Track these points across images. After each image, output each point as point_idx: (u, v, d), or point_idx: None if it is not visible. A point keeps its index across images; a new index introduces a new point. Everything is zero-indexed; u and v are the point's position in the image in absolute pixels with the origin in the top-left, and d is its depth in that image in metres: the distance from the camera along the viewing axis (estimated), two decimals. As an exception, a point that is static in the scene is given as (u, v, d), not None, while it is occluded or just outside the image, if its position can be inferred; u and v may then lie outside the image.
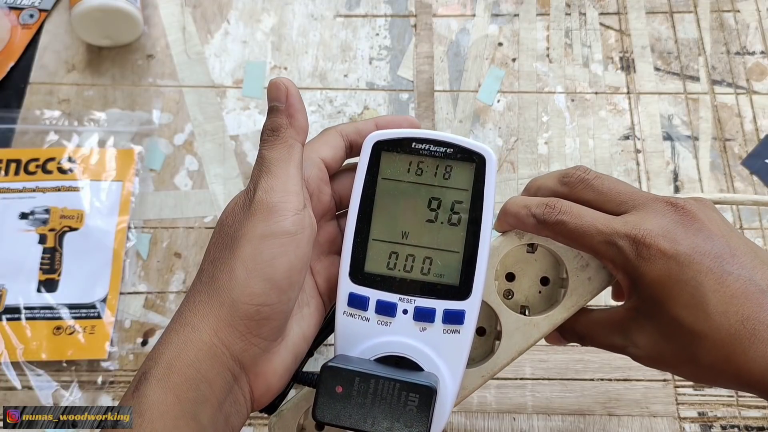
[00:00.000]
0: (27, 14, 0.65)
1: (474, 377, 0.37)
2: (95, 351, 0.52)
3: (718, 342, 0.30)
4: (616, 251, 0.33)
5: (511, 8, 0.66)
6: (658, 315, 0.32)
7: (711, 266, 0.31)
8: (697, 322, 0.31)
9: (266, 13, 0.66)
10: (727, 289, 0.31)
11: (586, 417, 0.49)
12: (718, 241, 0.32)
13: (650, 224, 0.32)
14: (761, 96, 0.61)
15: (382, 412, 0.31)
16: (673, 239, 0.32)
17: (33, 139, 0.59)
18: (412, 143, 0.35)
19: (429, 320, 0.34)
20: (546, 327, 0.37)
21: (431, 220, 0.35)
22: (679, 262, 0.31)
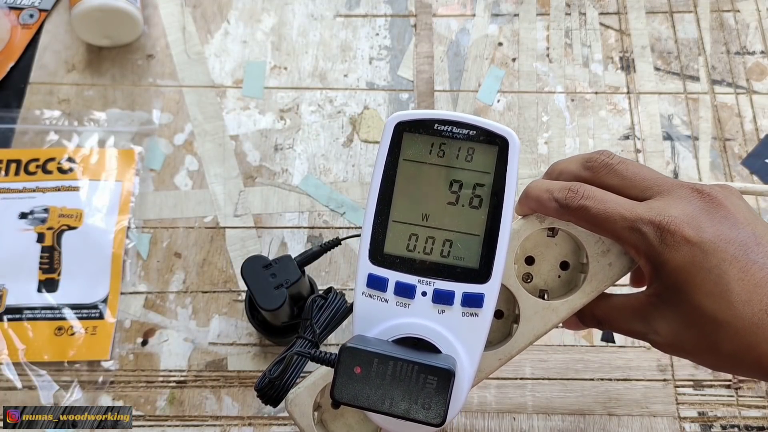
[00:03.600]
0: (27, 14, 0.65)
1: (491, 360, 0.36)
2: (97, 351, 0.52)
3: (740, 330, 0.30)
4: (640, 237, 0.32)
5: (511, 8, 0.66)
6: (680, 302, 0.32)
7: (736, 254, 0.31)
8: (719, 310, 0.31)
9: (266, 13, 0.66)
10: (751, 277, 0.30)
11: (586, 417, 0.49)
12: (744, 229, 0.32)
13: (675, 211, 0.32)
14: (761, 96, 0.61)
15: (400, 393, 0.30)
16: (698, 226, 0.31)
17: (33, 139, 0.59)
18: (435, 125, 0.34)
19: (448, 303, 0.33)
20: (565, 311, 0.36)
21: (452, 203, 0.34)
22: (703, 250, 0.31)
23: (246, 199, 0.57)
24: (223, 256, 0.55)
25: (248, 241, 0.56)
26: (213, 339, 0.53)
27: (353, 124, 0.61)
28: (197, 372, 0.52)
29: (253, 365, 0.52)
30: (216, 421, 0.50)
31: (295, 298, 0.47)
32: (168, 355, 0.52)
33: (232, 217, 0.57)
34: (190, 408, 0.50)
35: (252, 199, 0.57)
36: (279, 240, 0.56)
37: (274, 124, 0.61)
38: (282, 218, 0.57)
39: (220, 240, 0.56)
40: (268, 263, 0.45)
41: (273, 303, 0.44)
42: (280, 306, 0.44)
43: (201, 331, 0.53)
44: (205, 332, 0.53)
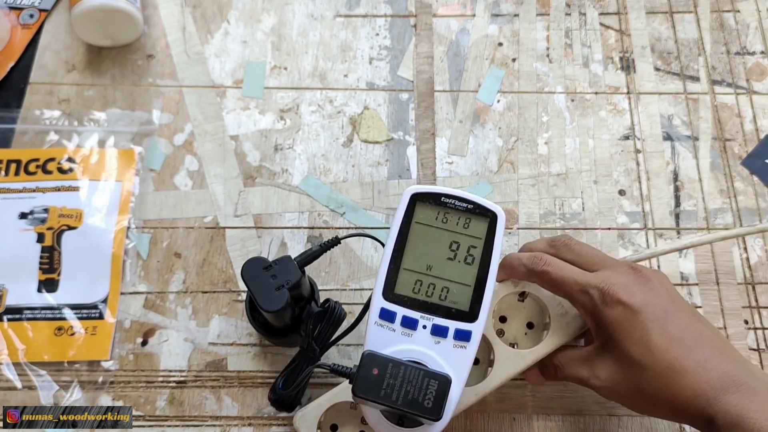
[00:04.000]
0: (27, 14, 0.65)
1: (469, 395, 0.45)
2: (97, 352, 0.52)
3: (658, 373, 0.38)
4: (588, 298, 0.41)
5: (511, 8, 0.66)
6: (615, 350, 0.40)
7: (657, 315, 0.40)
8: (643, 355, 0.39)
9: (266, 13, 0.66)
10: (668, 333, 0.39)
11: (586, 417, 0.49)
12: (665, 299, 0.41)
13: (615, 280, 0.41)
14: (761, 96, 0.61)
15: (407, 392, 0.38)
16: (630, 293, 0.40)
17: (33, 139, 0.59)
18: (441, 197, 0.43)
19: (443, 335, 0.41)
20: (531, 358, 0.45)
21: (451, 258, 0.43)
22: (633, 310, 0.40)
23: (246, 199, 0.57)
24: (223, 256, 0.55)
25: (248, 241, 0.56)
26: (213, 339, 0.53)
27: (353, 124, 0.61)
28: (197, 372, 0.52)
29: (253, 365, 0.52)
30: (216, 421, 0.50)
31: (296, 298, 0.47)
32: (168, 355, 0.52)
33: (232, 217, 0.57)
34: (189, 408, 0.50)
35: (252, 199, 0.57)
36: (279, 240, 0.56)
37: (274, 124, 0.61)
38: (282, 218, 0.57)
39: (220, 240, 0.56)
40: (268, 264, 0.45)
41: (275, 304, 0.44)
42: (282, 307, 0.44)
43: (201, 331, 0.53)
44: (205, 332, 0.53)
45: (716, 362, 0.38)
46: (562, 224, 0.56)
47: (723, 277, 0.54)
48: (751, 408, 0.36)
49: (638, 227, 0.56)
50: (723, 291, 0.54)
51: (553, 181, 0.58)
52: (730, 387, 0.37)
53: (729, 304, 0.53)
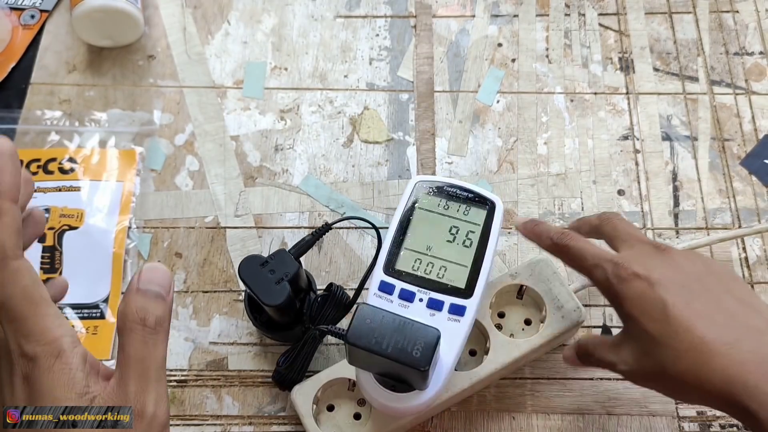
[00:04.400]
0: (28, 15, 0.65)
1: (464, 379, 0.46)
2: (98, 351, 0.52)
3: (682, 354, 0.34)
4: (602, 272, 0.39)
5: (510, 9, 0.66)
6: (636, 331, 0.37)
7: (679, 291, 0.36)
8: (664, 335, 0.35)
9: (266, 14, 0.66)
10: (692, 311, 0.35)
11: (585, 416, 0.50)
12: (689, 276, 0.37)
13: (631, 255, 0.39)
14: (760, 96, 0.62)
15: (397, 342, 0.38)
16: (647, 267, 0.38)
17: (34, 139, 0.59)
18: (444, 186, 0.46)
19: (438, 309, 0.42)
20: (526, 348, 0.47)
21: (450, 241, 0.44)
22: (651, 283, 0.37)
23: (246, 200, 0.58)
24: (224, 256, 0.55)
25: (249, 241, 0.56)
26: (213, 338, 0.53)
27: (353, 125, 0.61)
28: (198, 371, 0.52)
29: (253, 365, 0.52)
30: (216, 421, 0.50)
31: (296, 290, 0.47)
32: (168, 354, 0.52)
33: (232, 217, 0.57)
34: (190, 407, 0.51)
35: (252, 199, 0.58)
36: (279, 240, 0.56)
37: (274, 124, 0.61)
38: (282, 218, 0.57)
39: (221, 240, 0.56)
40: (264, 261, 0.46)
41: (277, 298, 0.45)
42: (285, 300, 0.45)
43: (201, 331, 0.53)
44: (206, 332, 0.53)
45: (753, 344, 0.33)
46: (562, 224, 0.57)
47: (722, 277, 0.54)
48: None
49: (637, 227, 0.56)
50: (722, 290, 0.54)
51: (553, 181, 0.58)
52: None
53: (728, 303, 0.53)
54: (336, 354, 0.52)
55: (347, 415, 0.47)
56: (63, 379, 0.29)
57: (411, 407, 0.42)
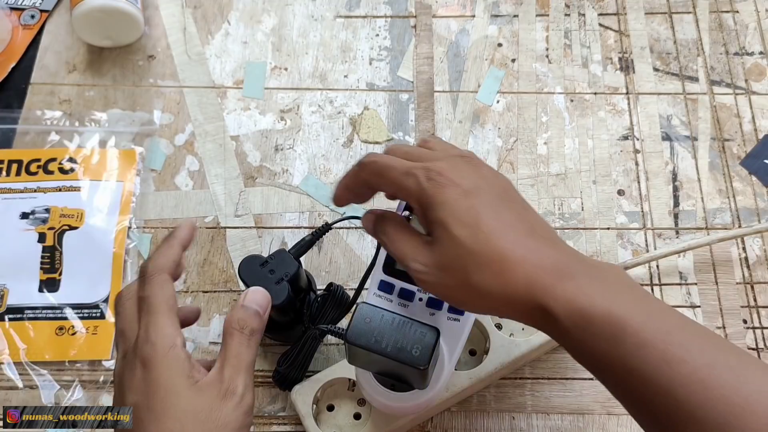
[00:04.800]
0: (28, 15, 0.65)
1: (463, 378, 0.46)
2: (98, 351, 0.52)
3: (490, 259, 0.34)
4: (413, 180, 0.37)
5: (510, 9, 0.66)
6: (445, 237, 0.36)
7: (491, 200, 0.36)
8: (473, 240, 0.35)
9: (266, 14, 0.66)
10: (502, 218, 0.36)
11: (585, 416, 0.50)
12: (499, 188, 0.38)
13: (443, 163, 0.38)
14: (760, 96, 0.62)
15: (396, 341, 0.38)
16: (460, 174, 0.37)
17: (34, 139, 0.59)
18: None
19: (438, 308, 0.42)
20: (525, 347, 0.47)
21: None
22: (464, 190, 0.36)
23: (246, 200, 0.58)
24: (224, 256, 0.55)
25: (249, 241, 0.56)
26: (213, 339, 0.53)
27: (353, 125, 0.61)
28: (198, 371, 0.52)
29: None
30: (216, 421, 0.50)
31: (296, 290, 0.47)
32: (169, 354, 0.52)
33: (232, 217, 0.57)
34: (190, 407, 0.50)
35: (252, 199, 0.58)
36: (279, 240, 0.56)
37: (274, 124, 0.61)
38: (282, 218, 0.57)
39: (221, 240, 0.56)
40: (264, 261, 0.46)
41: (277, 298, 0.45)
42: (285, 300, 0.45)
43: (202, 331, 0.53)
44: (206, 332, 0.53)
45: (550, 252, 0.35)
46: (561, 224, 0.57)
47: (722, 277, 0.54)
48: (592, 293, 0.33)
49: (637, 227, 0.56)
50: (722, 290, 0.54)
51: (553, 181, 0.58)
52: (566, 275, 0.34)
53: (728, 303, 0.53)
54: (336, 354, 0.52)
55: (347, 415, 0.47)
56: (174, 364, 0.36)
57: (411, 406, 0.42)
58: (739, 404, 0.30)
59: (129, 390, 0.37)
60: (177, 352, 0.37)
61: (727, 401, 0.30)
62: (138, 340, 0.37)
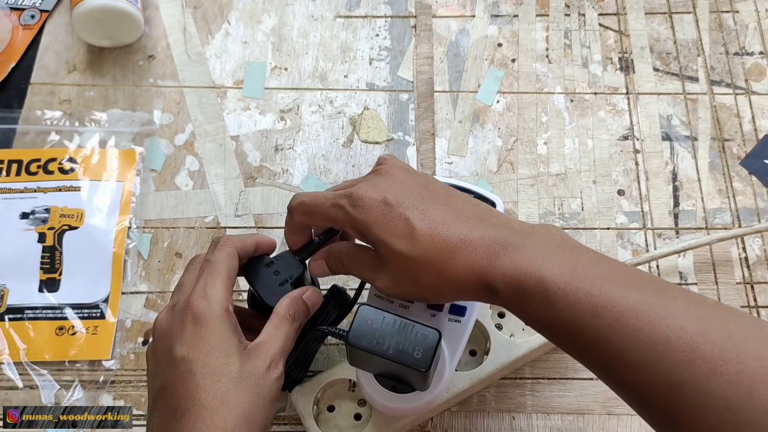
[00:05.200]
0: (28, 15, 0.65)
1: (464, 378, 0.46)
2: (99, 351, 0.52)
3: (430, 259, 0.37)
4: (340, 210, 0.40)
5: (510, 9, 0.66)
6: (388, 252, 0.38)
7: (414, 203, 0.38)
8: (412, 247, 0.37)
9: (266, 14, 0.66)
10: (429, 218, 0.37)
11: (586, 416, 0.50)
12: (416, 186, 0.39)
13: (361, 185, 0.40)
14: (760, 96, 0.62)
15: (398, 343, 0.38)
16: (378, 189, 0.39)
17: (34, 139, 0.59)
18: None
19: (438, 309, 0.42)
20: (526, 348, 0.47)
21: None
22: (388, 204, 0.38)
23: (246, 200, 0.58)
24: (224, 256, 0.55)
25: (249, 241, 0.56)
26: (213, 338, 0.53)
27: (353, 125, 0.61)
28: (198, 371, 0.52)
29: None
30: (216, 421, 0.50)
31: None
32: (169, 354, 0.52)
33: (232, 217, 0.57)
34: (190, 407, 0.50)
35: (252, 199, 0.58)
36: (279, 240, 0.56)
37: (274, 124, 0.61)
38: (282, 218, 0.57)
39: (221, 240, 0.56)
40: (269, 261, 0.46)
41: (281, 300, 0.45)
42: None
43: (202, 331, 0.53)
44: (206, 332, 0.53)
45: (480, 232, 0.37)
46: (562, 224, 0.57)
47: (722, 277, 0.54)
48: (523, 263, 0.35)
49: (637, 227, 0.56)
50: (722, 290, 0.54)
51: (553, 181, 0.58)
52: (498, 251, 0.36)
53: (728, 303, 0.53)
54: (336, 354, 0.52)
55: (348, 416, 0.47)
56: (228, 325, 0.39)
57: (412, 408, 0.42)
58: (662, 341, 0.31)
59: (180, 341, 0.38)
60: (231, 316, 0.39)
61: (650, 340, 0.31)
62: (194, 293, 0.39)
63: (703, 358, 0.30)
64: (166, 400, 0.37)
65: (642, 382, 0.31)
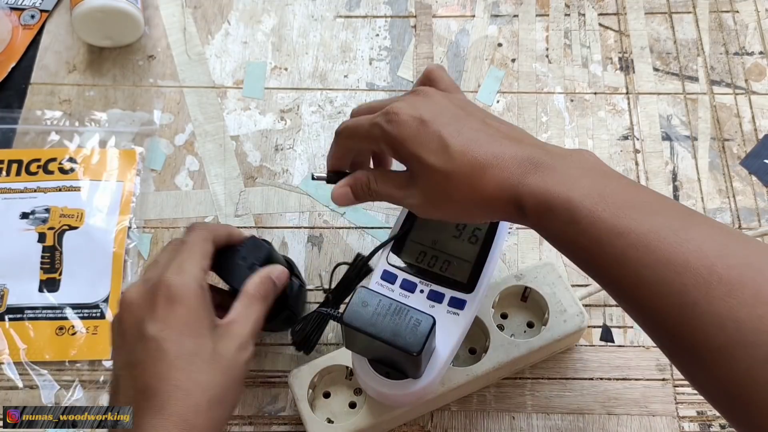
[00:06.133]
0: (28, 15, 0.65)
1: (461, 374, 0.46)
2: (99, 351, 0.52)
3: (462, 174, 0.38)
4: (377, 128, 0.40)
5: (510, 9, 0.66)
6: (420, 168, 0.39)
7: (449, 122, 0.39)
8: (445, 162, 0.38)
9: (266, 14, 0.66)
10: (463, 135, 0.38)
11: (585, 416, 0.50)
12: (453, 107, 0.40)
13: (398, 103, 0.41)
14: (760, 96, 0.62)
15: (391, 326, 0.39)
16: (415, 107, 0.40)
17: (34, 139, 0.59)
18: None
19: (438, 301, 0.43)
20: (525, 349, 0.47)
21: (456, 236, 0.45)
22: (424, 121, 0.39)
23: (246, 200, 0.58)
24: (224, 256, 0.55)
25: (249, 241, 0.56)
26: (214, 338, 0.53)
27: (353, 125, 0.61)
28: (198, 371, 0.52)
29: (253, 365, 0.52)
30: (217, 421, 0.50)
31: None
32: (169, 354, 0.52)
33: (232, 217, 0.57)
34: (190, 407, 0.50)
35: (252, 199, 0.58)
36: (279, 240, 0.56)
37: (274, 124, 0.61)
38: (282, 218, 0.57)
39: (221, 240, 0.56)
40: (236, 250, 0.45)
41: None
42: None
43: (202, 331, 0.53)
44: (206, 332, 0.53)
45: (513, 151, 0.38)
46: (562, 224, 0.57)
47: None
48: (553, 183, 0.36)
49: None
50: (722, 290, 0.54)
51: (553, 181, 0.58)
52: (530, 170, 0.37)
53: (728, 303, 0.53)
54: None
55: (343, 403, 0.47)
56: (203, 304, 0.39)
57: (404, 396, 0.42)
58: (680, 263, 0.32)
59: (152, 318, 0.38)
60: (206, 293, 0.40)
61: (668, 261, 0.32)
62: (169, 269, 0.39)
63: (720, 281, 0.31)
64: (134, 378, 0.37)
65: (655, 301, 0.32)
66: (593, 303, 0.53)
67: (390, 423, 0.47)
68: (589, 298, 0.52)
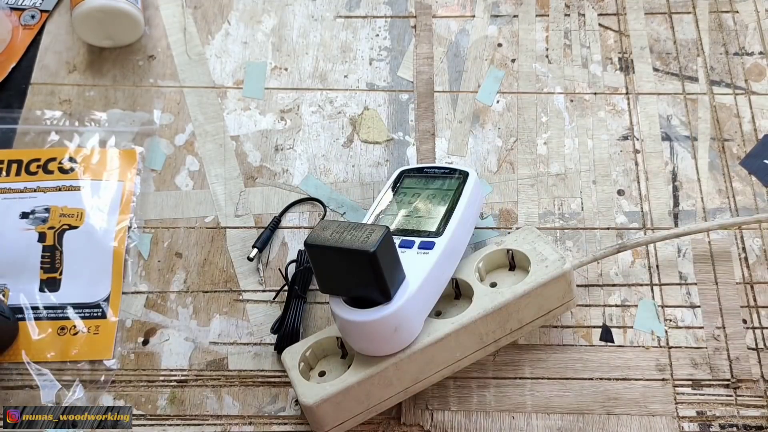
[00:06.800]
0: (28, 15, 0.65)
1: (446, 324, 0.46)
2: (100, 351, 0.52)
3: None
4: None
5: (510, 9, 0.66)
6: None
7: None
8: None
9: (267, 14, 0.66)
10: None
11: (585, 416, 0.50)
12: None
13: None
14: (760, 96, 0.62)
15: (349, 239, 0.42)
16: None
17: (34, 139, 0.59)
18: (424, 169, 0.54)
19: (409, 247, 0.47)
20: (509, 295, 0.47)
21: (428, 203, 0.51)
22: None
23: (247, 200, 0.58)
24: (224, 256, 0.55)
25: (249, 241, 0.56)
26: (214, 338, 0.53)
27: (353, 125, 0.61)
28: (198, 371, 0.52)
29: (253, 365, 0.52)
30: (217, 420, 0.50)
31: None
32: (169, 354, 0.52)
33: (232, 217, 0.57)
34: (190, 407, 0.51)
35: (253, 199, 0.58)
36: (279, 240, 0.56)
37: (274, 124, 0.61)
38: (282, 218, 0.57)
39: (221, 240, 0.56)
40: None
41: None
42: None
43: (202, 331, 0.53)
44: (206, 332, 0.53)
45: None
46: (561, 224, 0.57)
47: (721, 277, 0.54)
48: None
49: (637, 227, 0.56)
50: (721, 290, 0.54)
51: (552, 181, 0.58)
52: None
53: (727, 303, 0.54)
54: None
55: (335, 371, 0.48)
56: None
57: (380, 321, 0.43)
58: None
59: None
60: None
61: None
62: None
63: None
64: None
65: None
66: (593, 303, 0.53)
67: (380, 383, 0.46)
68: (589, 296, 0.52)
